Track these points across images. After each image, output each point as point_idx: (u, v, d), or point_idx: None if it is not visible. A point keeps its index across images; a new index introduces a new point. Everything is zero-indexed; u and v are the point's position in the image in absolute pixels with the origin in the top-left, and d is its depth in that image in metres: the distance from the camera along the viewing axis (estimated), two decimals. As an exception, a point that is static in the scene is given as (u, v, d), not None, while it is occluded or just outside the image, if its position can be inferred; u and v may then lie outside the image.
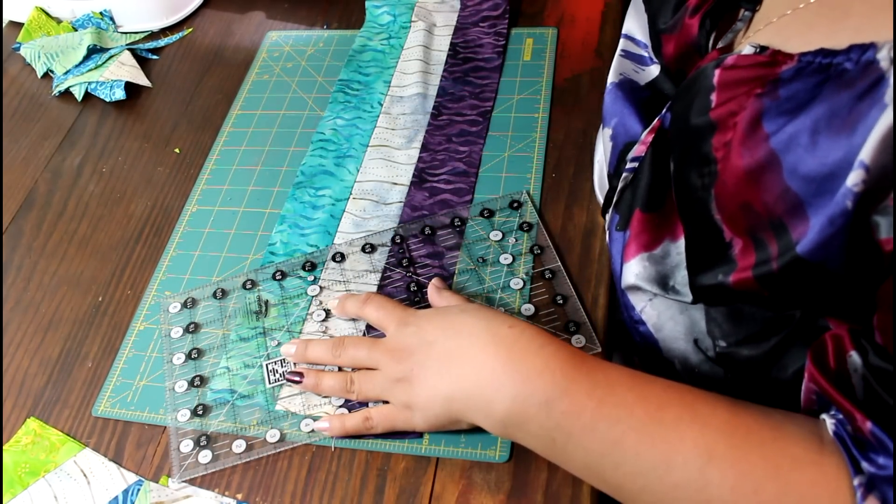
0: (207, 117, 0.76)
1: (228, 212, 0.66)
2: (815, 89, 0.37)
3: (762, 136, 0.38)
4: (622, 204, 0.52)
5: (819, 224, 0.36)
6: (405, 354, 0.49)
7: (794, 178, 0.37)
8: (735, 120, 0.40)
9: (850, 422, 0.36)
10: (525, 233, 0.60)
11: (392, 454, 0.50)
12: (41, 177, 0.73)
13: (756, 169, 0.39)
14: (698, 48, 0.49)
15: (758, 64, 0.40)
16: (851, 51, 0.36)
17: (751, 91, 0.40)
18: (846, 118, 0.35)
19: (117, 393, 0.56)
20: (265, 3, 0.87)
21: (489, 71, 0.72)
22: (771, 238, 0.39)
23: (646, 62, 0.56)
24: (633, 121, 0.53)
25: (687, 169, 0.44)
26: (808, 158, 0.36)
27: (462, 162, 0.66)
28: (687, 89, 0.45)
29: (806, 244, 0.37)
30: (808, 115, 0.36)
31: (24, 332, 0.61)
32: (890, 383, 0.35)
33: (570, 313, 0.55)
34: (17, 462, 0.54)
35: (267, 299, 0.59)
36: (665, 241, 0.48)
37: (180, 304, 0.60)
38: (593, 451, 0.41)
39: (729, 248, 0.42)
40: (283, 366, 0.55)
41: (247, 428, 0.53)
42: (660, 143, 0.49)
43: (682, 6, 0.50)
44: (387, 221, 0.63)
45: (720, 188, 0.41)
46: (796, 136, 0.37)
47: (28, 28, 0.86)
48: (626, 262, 0.50)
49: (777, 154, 0.38)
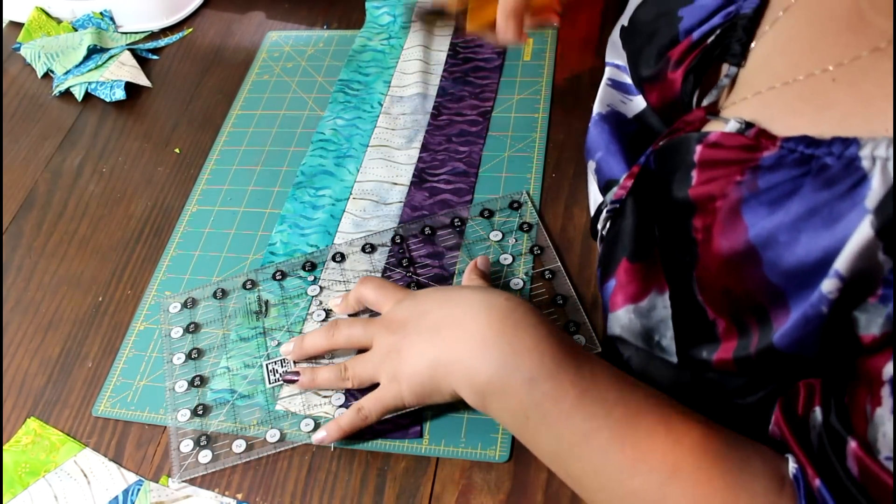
0: (207, 117, 0.76)
1: (228, 212, 0.66)
2: (795, 182, 0.37)
3: (742, 228, 0.38)
4: (607, 245, 0.52)
5: (795, 320, 0.36)
6: (398, 325, 0.49)
7: (774, 272, 0.37)
8: (715, 206, 0.40)
9: (803, 472, 0.36)
10: (525, 233, 0.60)
11: (392, 454, 0.50)
12: (41, 177, 0.73)
13: (736, 259, 0.39)
14: (682, 101, 0.48)
15: (740, 146, 0.40)
16: (833, 144, 0.35)
17: (731, 176, 0.40)
18: (826, 217, 0.35)
19: (117, 393, 0.56)
20: (265, 3, 0.87)
21: (489, 71, 0.72)
22: (753, 323, 0.39)
23: (632, 91, 0.56)
24: (616, 159, 0.53)
25: (670, 243, 0.44)
26: (787, 255, 0.36)
27: (462, 162, 0.66)
28: (669, 156, 0.45)
29: (782, 336, 0.37)
30: (788, 212, 0.36)
31: (24, 332, 0.61)
32: (840, 447, 0.35)
33: (570, 313, 0.55)
34: (17, 462, 0.54)
35: (267, 299, 0.59)
36: (652, 293, 0.47)
37: (180, 304, 0.60)
38: (564, 440, 0.41)
39: (714, 327, 0.42)
40: (283, 366, 0.55)
41: (247, 428, 0.53)
42: (641, 189, 0.49)
43: (664, 56, 0.49)
44: (387, 221, 0.63)
45: (701, 271, 0.42)
46: (775, 234, 0.37)
47: (28, 28, 0.86)
48: (613, 312, 0.49)
49: (756, 248, 0.38)
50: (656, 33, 0.51)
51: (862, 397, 0.35)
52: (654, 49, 0.51)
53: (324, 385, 0.52)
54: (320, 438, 0.50)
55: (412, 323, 0.48)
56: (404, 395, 0.48)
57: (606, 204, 0.51)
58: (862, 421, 0.35)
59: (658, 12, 0.51)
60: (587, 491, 0.42)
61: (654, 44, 0.51)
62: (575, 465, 0.42)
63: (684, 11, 0.49)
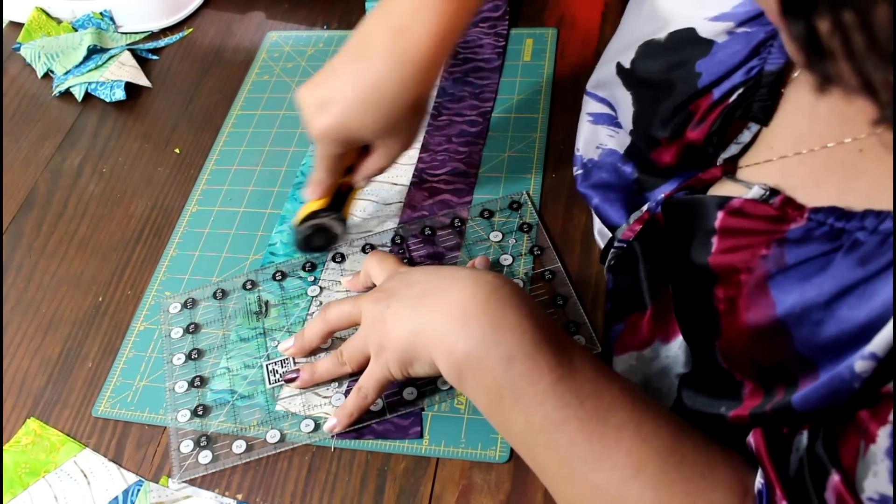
0: (207, 117, 0.76)
1: (228, 212, 0.66)
2: (825, 258, 0.35)
3: (769, 304, 0.37)
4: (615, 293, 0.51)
5: (819, 388, 0.35)
6: (385, 295, 0.48)
7: (807, 347, 0.36)
8: (738, 279, 0.39)
9: (770, 493, 0.36)
10: (525, 233, 0.60)
11: (392, 454, 0.50)
12: (41, 177, 0.73)
13: (765, 335, 0.38)
14: (702, 156, 0.46)
15: (765, 216, 0.38)
16: (866, 217, 0.34)
17: (755, 248, 0.38)
18: (861, 296, 0.33)
19: (117, 393, 0.56)
20: (265, 3, 0.87)
21: (489, 71, 0.72)
22: (781, 388, 0.38)
23: (618, 124, 0.55)
24: (615, 209, 0.52)
25: (688, 306, 0.44)
26: (820, 332, 0.35)
27: (462, 162, 0.65)
28: (683, 214, 0.43)
29: (803, 400, 0.36)
30: (820, 291, 0.35)
31: (24, 332, 0.61)
32: (821, 477, 0.34)
33: (570, 314, 0.55)
34: (17, 462, 0.54)
35: (267, 300, 0.59)
36: (656, 342, 0.47)
37: (180, 304, 0.60)
38: (533, 424, 0.41)
39: (740, 387, 0.41)
40: (284, 366, 0.55)
41: (247, 428, 0.53)
42: (649, 237, 0.48)
43: (683, 112, 0.47)
44: (387, 221, 0.63)
45: (724, 344, 0.41)
46: (808, 312, 0.35)
47: (28, 28, 0.86)
48: (616, 356, 0.49)
49: (787, 325, 0.36)
50: (672, 88, 0.47)
51: (856, 433, 0.34)
52: (671, 106, 0.47)
53: (324, 376, 0.52)
54: (331, 426, 0.50)
55: (398, 293, 0.48)
56: (390, 366, 0.47)
57: (616, 240, 0.51)
58: (850, 456, 0.34)
59: (671, 63, 0.47)
60: (550, 479, 0.42)
61: (670, 100, 0.47)
62: (541, 452, 0.41)
63: (702, 65, 0.45)
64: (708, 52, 0.45)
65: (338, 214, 0.59)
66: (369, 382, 0.49)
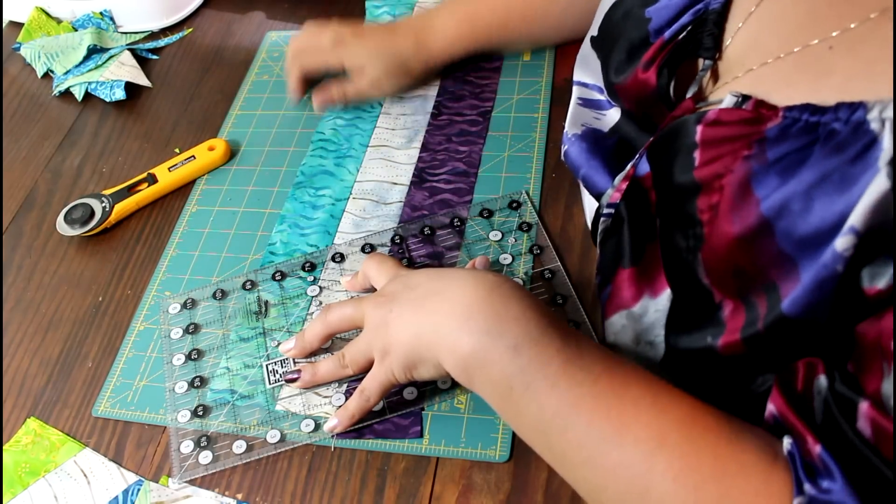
0: (207, 117, 0.76)
1: (228, 212, 0.66)
2: (804, 151, 0.36)
3: (753, 202, 0.38)
4: (605, 253, 0.52)
5: (807, 285, 0.35)
6: (387, 299, 0.48)
7: (788, 241, 0.37)
8: (721, 183, 0.40)
9: (801, 444, 0.36)
10: (524, 233, 0.60)
11: (392, 454, 0.50)
12: (41, 177, 0.73)
13: (748, 235, 0.38)
14: (660, 97, 0.48)
15: (742, 121, 0.40)
16: (840, 109, 0.35)
17: (737, 152, 0.39)
18: (839, 182, 0.34)
19: (117, 393, 0.56)
20: (265, 3, 0.87)
21: (489, 71, 0.72)
22: (762, 298, 0.39)
23: (604, 106, 0.56)
24: (599, 173, 0.52)
25: (671, 229, 0.44)
26: (801, 223, 0.36)
27: (462, 162, 0.66)
28: (667, 143, 0.44)
29: (793, 304, 0.36)
30: (800, 180, 0.36)
31: (24, 332, 0.61)
32: (850, 411, 0.34)
33: (570, 313, 0.55)
34: (17, 462, 0.54)
35: (267, 300, 0.59)
36: (644, 297, 0.47)
37: (180, 304, 0.60)
38: (547, 409, 0.41)
39: (718, 310, 0.41)
40: (284, 366, 0.55)
41: (247, 428, 0.53)
42: (635, 194, 0.49)
43: (636, 57, 0.49)
44: (387, 221, 0.63)
45: (707, 253, 0.41)
46: (788, 203, 0.36)
47: (28, 28, 0.86)
48: (607, 319, 0.49)
49: (769, 220, 0.37)
50: (623, 35, 0.50)
51: (874, 356, 0.34)
52: (624, 51, 0.50)
53: (325, 377, 0.52)
54: (332, 427, 0.50)
55: (400, 296, 0.48)
56: (394, 369, 0.47)
57: (603, 208, 0.51)
58: (875, 380, 0.34)
59: (623, 13, 0.51)
60: (572, 467, 0.41)
61: (623, 45, 0.50)
62: (558, 439, 0.41)
63: (651, 12, 0.48)
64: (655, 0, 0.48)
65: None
66: (372, 385, 0.49)
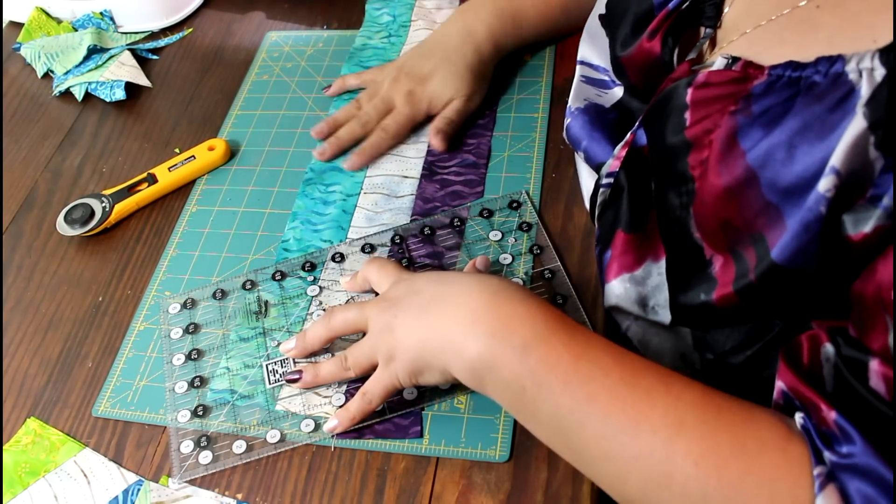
0: (207, 117, 0.76)
1: (228, 212, 0.66)
2: (787, 103, 0.38)
3: (739, 154, 0.39)
4: (604, 221, 0.52)
5: (794, 230, 0.36)
6: (391, 304, 0.48)
7: (773, 191, 0.38)
8: (710, 138, 0.41)
9: (815, 413, 0.36)
10: (524, 233, 0.60)
11: (392, 454, 0.50)
12: (41, 177, 0.73)
13: (735, 186, 0.39)
14: (664, 65, 0.49)
15: (730, 80, 0.41)
16: (819, 63, 0.37)
17: (724, 108, 0.41)
18: (819, 130, 0.36)
19: (117, 393, 0.56)
20: (265, 3, 0.87)
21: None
22: (749, 250, 0.39)
23: (608, 85, 0.56)
24: (601, 145, 0.53)
25: (665, 188, 0.45)
26: (785, 172, 0.37)
27: (471, 154, 0.66)
28: (660, 107, 0.45)
29: (782, 251, 0.37)
30: (783, 130, 0.37)
31: (24, 332, 0.61)
32: (861, 372, 0.35)
33: (569, 312, 0.55)
34: (17, 462, 0.54)
35: (266, 300, 0.59)
36: (647, 262, 0.48)
37: (180, 304, 0.60)
38: (562, 406, 0.41)
39: (709, 266, 0.42)
40: (284, 366, 0.55)
41: (247, 428, 0.53)
42: (634, 161, 0.49)
43: (640, 32, 0.50)
44: (399, 214, 0.63)
45: (699, 207, 0.42)
46: (772, 152, 0.37)
47: (28, 28, 0.86)
48: (608, 283, 0.50)
49: (755, 170, 0.38)
50: (629, 9, 0.52)
51: (875, 313, 0.35)
52: (629, 24, 0.52)
53: (327, 379, 0.52)
54: (331, 427, 0.50)
55: (405, 301, 0.48)
56: (400, 375, 0.48)
57: (602, 178, 0.51)
58: (880, 336, 0.34)
59: None
60: (592, 462, 0.41)
61: (629, 19, 0.52)
62: (576, 435, 0.41)
63: None
64: None
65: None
66: (375, 388, 0.49)
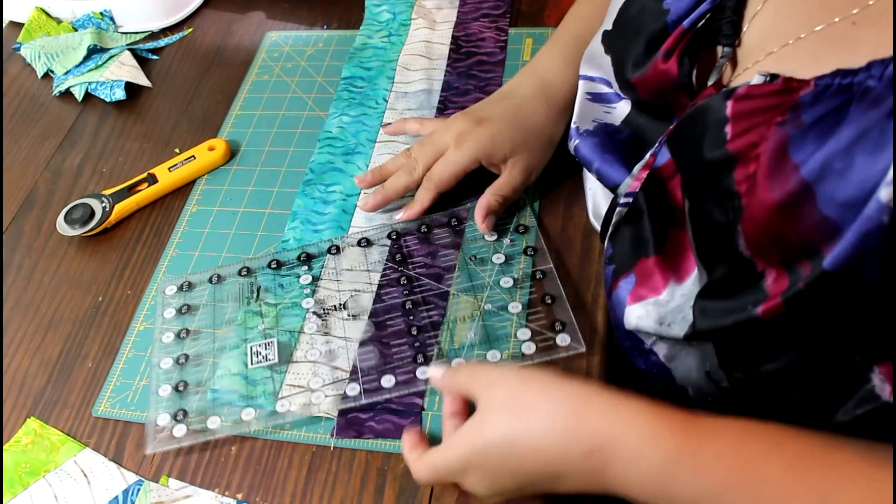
0: (207, 117, 0.76)
1: (228, 212, 0.66)
2: (840, 112, 0.36)
3: (791, 167, 0.37)
4: (619, 241, 0.51)
5: (850, 241, 0.34)
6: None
7: (830, 205, 0.35)
8: (757, 152, 0.39)
9: None
10: (521, 234, 0.60)
11: (392, 454, 0.50)
12: (41, 177, 0.73)
13: (788, 201, 0.37)
14: (680, 87, 0.47)
15: (773, 92, 0.39)
16: (872, 67, 0.35)
17: (770, 120, 0.38)
18: (878, 137, 0.33)
19: (117, 393, 0.56)
20: (265, 3, 0.87)
21: (493, 65, 0.73)
22: (805, 264, 0.37)
23: (612, 99, 0.55)
24: (614, 168, 0.52)
25: (706, 205, 0.43)
26: (843, 184, 0.35)
27: None
28: (692, 123, 0.44)
29: (835, 259, 0.35)
30: (839, 140, 0.35)
31: (24, 332, 0.62)
32: None
33: (557, 312, 0.54)
34: (17, 462, 0.54)
35: (260, 285, 0.59)
36: (670, 285, 0.47)
37: (176, 287, 0.60)
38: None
39: (761, 279, 0.40)
40: (267, 349, 0.55)
41: (222, 407, 0.53)
42: (654, 183, 0.48)
43: (655, 49, 0.48)
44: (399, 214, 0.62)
45: (748, 224, 0.40)
46: (829, 163, 0.35)
47: (28, 28, 0.86)
48: (630, 306, 0.49)
49: (810, 184, 0.36)
50: (642, 29, 0.50)
51: None
52: (642, 44, 0.50)
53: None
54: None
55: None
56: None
57: (620, 197, 0.50)
58: None
59: (640, 7, 0.51)
60: None
61: (641, 39, 0.50)
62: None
63: (669, 3, 0.48)
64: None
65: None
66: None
